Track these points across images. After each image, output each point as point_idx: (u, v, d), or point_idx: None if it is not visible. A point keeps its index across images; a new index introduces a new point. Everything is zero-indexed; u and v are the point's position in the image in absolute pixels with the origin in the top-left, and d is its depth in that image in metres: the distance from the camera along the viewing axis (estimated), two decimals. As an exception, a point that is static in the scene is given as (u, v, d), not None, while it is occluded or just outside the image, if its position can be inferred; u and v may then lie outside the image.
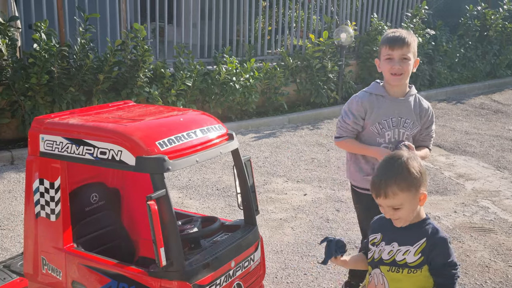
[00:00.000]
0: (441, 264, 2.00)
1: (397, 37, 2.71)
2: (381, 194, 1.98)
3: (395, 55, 2.70)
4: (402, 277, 2.05)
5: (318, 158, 6.43)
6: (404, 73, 2.72)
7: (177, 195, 5.22)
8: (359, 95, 2.89)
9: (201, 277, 2.17)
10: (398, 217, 2.03)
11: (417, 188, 1.99)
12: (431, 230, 2.03)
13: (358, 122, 2.82)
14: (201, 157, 2.27)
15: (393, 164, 2.00)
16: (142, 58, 6.52)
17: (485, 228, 4.50)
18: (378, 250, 2.11)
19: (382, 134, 2.80)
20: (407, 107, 2.81)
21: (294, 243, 4.22)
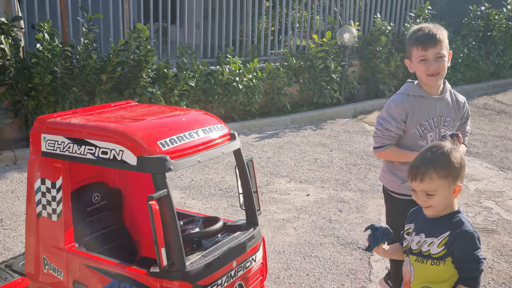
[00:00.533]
0: (461, 258, 2.01)
1: (428, 35, 2.57)
2: (418, 177, 2.01)
3: (430, 55, 2.57)
4: (426, 268, 2.08)
5: (321, 159, 6.42)
6: (441, 72, 2.61)
7: (180, 195, 5.22)
8: (397, 98, 2.74)
9: (202, 277, 2.17)
10: (430, 205, 2.04)
11: (454, 178, 2.01)
12: (457, 223, 2.05)
13: (400, 127, 2.67)
14: (203, 157, 2.27)
15: (436, 151, 2.04)
16: (145, 58, 6.52)
17: (488, 229, 4.48)
18: (410, 240, 2.15)
19: (424, 136, 2.69)
20: (446, 104, 2.70)
21: (296, 244, 4.21)
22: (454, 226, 2.05)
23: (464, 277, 2.05)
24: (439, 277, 2.08)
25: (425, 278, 2.10)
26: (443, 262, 2.05)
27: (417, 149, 2.55)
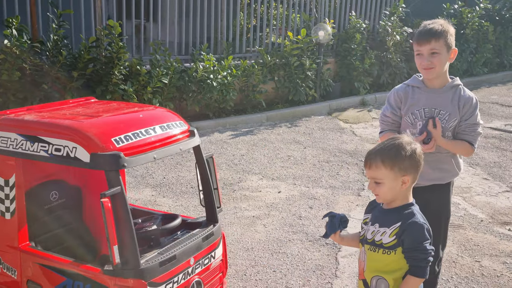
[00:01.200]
0: (410, 248, 2.08)
1: (425, 31, 2.68)
2: (367, 164, 2.13)
3: (424, 51, 2.68)
4: (377, 257, 2.14)
5: (294, 156, 6.44)
6: (435, 67, 2.67)
7: (151, 193, 5.19)
8: (397, 87, 2.93)
9: (157, 275, 2.15)
10: (377, 193, 2.13)
11: (401, 170, 2.08)
12: (408, 214, 2.12)
13: (395, 113, 2.83)
14: (159, 154, 2.25)
15: (388, 142, 2.13)
16: (117, 55, 6.46)
17: (455, 224, 4.54)
18: (366, 230, 2.22)
19: (415, 124, 2.77)
20: (443, 98, 2.74)
21: (265, 240, 4.21)
22: (405, 217, 2.12)
23: (413, 266, 2.11)
24: (389, 267, 2.14)
25: (377, 267, 2.16)
26: (393, 251, 2.11)
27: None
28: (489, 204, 5.00)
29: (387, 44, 9.44)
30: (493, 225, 4.54)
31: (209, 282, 2.47)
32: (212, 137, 7.15)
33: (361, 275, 2.25)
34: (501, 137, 7.35)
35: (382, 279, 2.15)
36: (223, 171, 5.83)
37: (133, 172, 5.72)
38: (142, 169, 5.81)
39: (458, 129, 2.77)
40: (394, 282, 2.13)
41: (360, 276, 2.26)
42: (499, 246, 4.16)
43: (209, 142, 6.93)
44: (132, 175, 5.63)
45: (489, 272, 3.77)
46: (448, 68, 2.77)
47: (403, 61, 9.73)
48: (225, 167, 5.96)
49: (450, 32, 2.70)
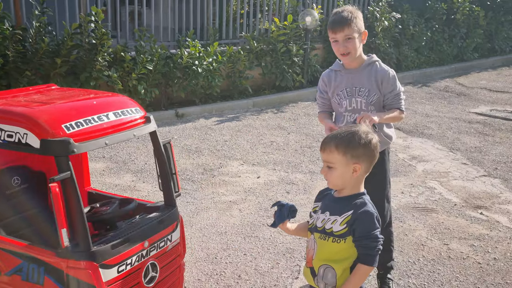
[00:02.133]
0: (361, 236, 2.10)
1: (337, 19, 2.90)
2: (322, 147, 2.18)
3: (338, 37, 2.90)
4: (327, 245, 2.15)
5: (277, 141, 6.49)
6: (351, 51, 2.91)
7: (131, 179, 5.26)
8: (324, 72, 3.19)
9: (108, 257, 2.22)
10: (328, 178, 2.15)
11: (353, 157, 2.10)
12: (360, 204, 2.14)
13: (323, 96, 3.14)
14: (111, 140, 2.31)
15: (347, 129, 2.18)
16: (100, 41, 6.48)
17: (428, 208, 4.60)
18: (316, 218, 2.22)
19: (341, 103, 3.04)
20: (361, 76, 2.99)
21: (239, 225, 4.28)
22: (357, 206, 2.13)
23: (363, 255, 2.12)
24: (338, 255, 2.15)
25: (326, 256, 2.17)
26: (343, 240, 2.12)
27: (339, 115, 3.08)
28: (464, 189, 5.06)
29: (375, 29, 9.44)
30: (466, 209, 4.61)
31: (165, 265, 2.53)
32: (197, 123, 7.20)
33: (309, 263, 2.25)
34: (485, 122, 7.39)
35: (329, 268, 2.16)
36: (205, 157, 5.89)
37: (115, 158, 5.78)
38: (124, 155, 5.87)
39: (386, 102, 3.03)
40: (342, 271, 2.15)
41: (308, 264, 2.25)
42: (469, 230, 4.22)
43: (193, 128, 6.98)
44: (113, 161, 5.69)
45: (455, 254, 3.84)
46: (362, 48, 3.01)
47: (392, 47, 9.73)
48: (207, 153, 6.02)
49: (359, 17, 2.93)
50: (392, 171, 5.52)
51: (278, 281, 3.48)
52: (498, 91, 9.17)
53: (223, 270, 3.62)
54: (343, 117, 3.06)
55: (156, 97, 7.32)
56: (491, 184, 5.19)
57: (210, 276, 3.54)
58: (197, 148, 6.19)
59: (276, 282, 3.47)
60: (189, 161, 5.77)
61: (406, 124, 7.24)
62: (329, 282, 2.16)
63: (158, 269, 2.48)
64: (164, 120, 7.27)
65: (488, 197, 4.88)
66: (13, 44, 6.00)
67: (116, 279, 2.26)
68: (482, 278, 3.52)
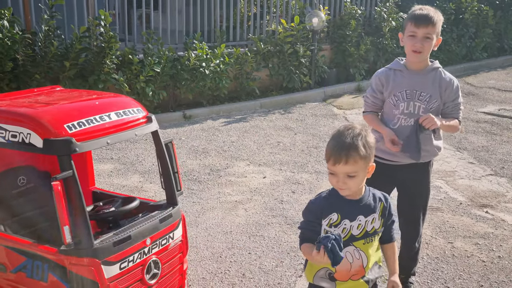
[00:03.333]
0: (392, 220, 2.27)
1: (424, 15, 2.78)
2: (342, 160, 2.03)
3: (419, 33, 2.78)
4: (374, 245, 2.20)
5: (284, 142, 6.52)
6: (424, 52, 2.81)
7: (138, 180, 5.31)
8: (379, 70, 3.06)
9: (111, 254, 2.27)
10: (348, 187, 2.08)
11: (370, 159, 2.12)
12: (377, 193, 2.23)
13: (376, 96, 3.00)
14: (113, 139, 2.35)
15: (351, 133, 2.08)
16: (108, 44, 6.56)
17: (433, 207, 4.60)
18: (342, 229, 2.12)
19: (397, 105, 2.92)
20: (424, 80, 2.89)
21: (244, 224, 4.32)
22: (379, 197, 2.22)
23: (391, 236, 2.29)
24: (377, 247, 2.24)
25: (376, 255, 2.19)
26: (381, 232, 2.22)
27: (392, 116, 2.96)
28: (470, 188, 5.05)
29: (383, 30, 9.44)
30: (472, 208, 4.60)
31: (167, 262, 2.58)
32: (205, 125, 7.25)
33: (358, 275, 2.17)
34: (493, 122, 7.35)
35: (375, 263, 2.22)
36: (212, 158, 5.93)
37: (123, 159, 5.85)
38: (132, 156, 5.93)
39: (445, 110, 2.94)
40: (379, 258, 2.25)
41: (356, 277, 2.17)
42: (474, 228, 4.22)
43: (201, 129, 7.03)
44: (121, 162, 5.76)
45: (460, 252, 3.84)
46: None
47: (399, 47, 9.71)
48: (214, 154, 6.07)
49: (442, 21, 2.85)
50: (398, 170, 5.54)
51: (282, 279, 3.51)
52: (507, 91, 9.12)
53: (228, 268, 3.65)
54: (397, 120, 2.94)
55: (164, 99, 7.38)
56: (497, 183, 5.17)
57: (214, 274, 3.58)
58: (204, 149, 6.23)
59: (280, 280, 3.50)
60: (196, 161, 5.82)
61: (413, 124, 7.22)
62: (378, 274, 2.24)
63: (160, 266, 2.52)
64: (172, 121, 7.33)
65: (494, 195, 4.86)
66: (22, 48, 6.10)
67: (118, 275, 2.30)
68: (486, 276, 3.52)
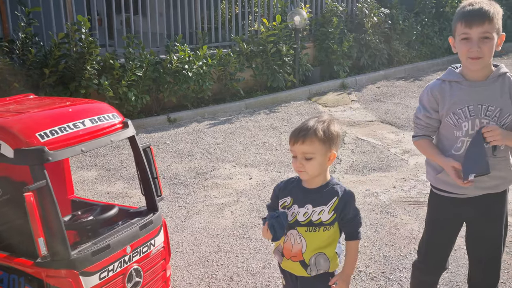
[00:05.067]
0: (353, 215, 2.25)
1: (476, 11, 2.25)
2: (299, 139, 2.14)
3: (473, 34, 2.24)
4: (318, 235, 2.22)
5: (269, 142, 6.48)
6: (484, 56, 2.26)
7: (123, 186, 5.24)
8: (430, 84, 2.48)
9: (89, 264, 2.21)
10: (305, 169, 2.16)
11: (331, 145, 2.17)
12: (340, 189, 2.24)
13: (430, 116, 2.43)
14: (88, 147, 2.30)
15: (317, 120, 2.20)
16: (88, 50, 6.48)
17: (420, 201, 4.58)
18: (291, 213, 2.23)
19: (459, 125, 2.37)
20: (490, 91, 2.34)
21: (231, 227, 4.27)
22: (339, 191, 2.23)
23: (355, 231, 2.28)
24: (328, 241, 2.25)
25: (318, 245, 2.24)
26: (332, 226, 2.23)
27: (453, 140, 2.39)
28: (457, 180, 5.04)
29: (365, 26, 9.44)
30: (458, 201, 4.59)
31: (149, 269, 2.52)
32: (190, 127, 7.19)
33: (297, 257, 2.27)
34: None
35: (321, 254, 2.24)
36: (197, 161, 5.88)
37: (107, 166, 5.77)
38: (116, 163, 5.86)
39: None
40: (332, 254, 2.27)
41: (296, 258, 2.27)
42: (461, 221, 4.20)
43: (186, 132, 6.97)
44: (105, 169, 5.68)
45: (448, 247, 3.82)
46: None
47: (382, 42, 9.73)
48: (199, 157, 6.01)
49: (500, 13, 2.30)
50: (384, 165, 5.53)
51: (269, 281, 3.47)
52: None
53: (215, 272, 3.60)
54: (461, 143, 2.37)
55: (148, 103, 7.31)
56: (483, 175, 5.17)
57: (201, 279, 3.52)
58: (189, 152, 6.17)
59: (268, 282, 3.46)
60: (181, 165, 5.76)
61: (398, 118, 7.23)
62: (323, 267, 2.25)
63: (142, 274, 2.46)
64: (156, 125, 7.26)
65: (480, 187, 4.86)
66: (0, 56, 6.00)
67: (98, 286, 2.25)
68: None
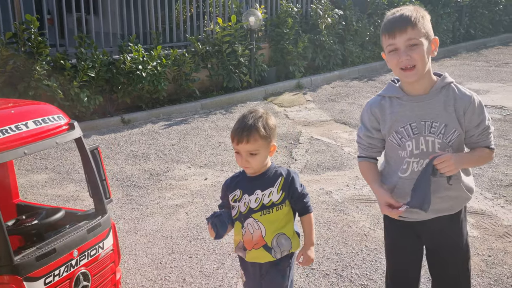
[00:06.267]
0: (301, 192, 2.34)
1: (397, 18, 2.09)
2: (243, 139, 2.22)
3: (399, 43, 2.08)
4: (273, 216, 2.31)
5: (225, 142, 6.48)
6: (417, 64, 2.08)
7: (74, 189, 5.13)
8: (371, 100, 2.31)
9: (34, 269, 2.16)
10: (251, 165, 2.27)
11: (271, 138, 2.29)
12: (282, 170, 2.35)
13: (372, 135, 2.28)
14: (31, 149, 2.24)
15: (254, 116, 2.27)
16: (37, 50, 6.31)
17: (372, 199, 4.69)
18: (243, 203, 2.32)
19: (403, 145, 2.19)
20: (433, 105, 2.15)
21: (185, 228, 4.25)
22: (282, 172, 2.34)
23: (306, 206, 2.37)
24: (284, 220, 2.34)
25: (276, 226, 2.32)
26: (284, 205, 2.32)
27: (399, 161, 2.22)
28: (407, 178, 5.18)
29: (319, 27, 9.57)
30: (408, 198, 4.72)
31: (98, 273, 2.48)
32: (144, 128, 7.11)
33: (258, 244, 2.33)
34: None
35: (281, 234, 2.32)
36: (152, 162, 5.82)
37: (58, 168, 5.64)
38: (68, 165, 5.73)
39: (470, 140, 2.21)
40: (292, 232, 2.36)
41: (257, 245, 2.33)
42: (410, 217, 4.32)
43: (140, 133, 6.89)
44: (56, 171, 5.55)
45: (397, 242, 3.92)
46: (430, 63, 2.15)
47: (337, 43, 9.88)
48: (154, 158, 5.95)
49: (427, 18, 2.13)
50: (338, 165, 5.62)
51: (223, 282, 3.47)
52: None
53: (168, 274, 3.58)
54: (407, 165, 2.20)
55: (101, 104, 7.18)
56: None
57: (154, 281, 3.49)
58: (143, 153, 6.10)
59: (221, 283, 3.46)
60: (135, 167, 5.68)
61: (352, 118, 7.37)
62: (285, 247, 2.32)
63: (90, 278, 2.42)
64: (110, 127, 7.14)
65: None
66: None
67: (43, 291, 2.19)
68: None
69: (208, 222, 2.31)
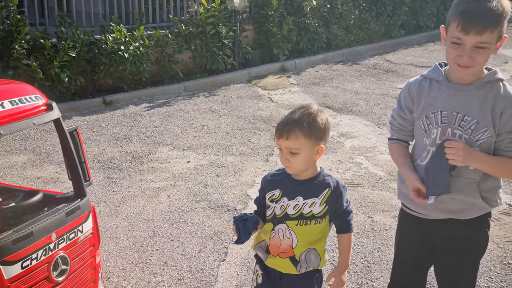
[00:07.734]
0: (345, 208, 2.14)
1: (480, 13, 1.85)
2: (284, 135, 2.02)
3: (468, 42, 1.89)
4: (310, 229, 2.11)
5: (208, 125, 6.43)
6: (475, 66, 1.93)
7: (55, 171, 5.06)
8: (411, 80, 2.18)
9: (10, 252, 2.11)
10: (291, 164, 2.06)
11: (318, 139, 2.04)
12: (331, 180, 2.13)
13: (404, 116, 2.16)
14: (7, 130, 2.18)
15: (303, 111, 2.05)
16: (16, 28, 6.15)
17: (354, 183, 4.70)
18: (280, 206, 2.12)
19: (429, 132, 2.07)
20: (470, 98, 2.00)
21: (167, 211, 4.22)
22: (331, 184, 2.12)
23: (348, 224, 2.18)
24: (319, 235, 2.14)
25: (309, 239, 2.13)
26: (324, 219, 2.12)
27: (422, 148, 2.11)
28: (389, 162, 5.20)
29: (304, 9, 9.49)
30: (390, 182, 4.75)
31: (76, 257, 2.45)
32: (126, 110, 7.01)
33: (286, 253, 2.14)
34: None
35: (312, 250, 2.13)
36: (134, 144, 5.75)
37: (38, 150, 5.54)
38: (48, 146, 5.64)
39: (498, 146, 2.02)
40: (323, 250, 2.17)
41: (285, 255, 2.15)
42: (392, 201, 4.35)
43: (122, 115, 6.80)
44: (36, 153, 5.46)
45: (379, 226, 3.95)
46: None
47: (321, 26, 9.83)
48: (136, 140, 5.88)
49: (509, 14, 1.92)
50: (321, 148, 5.61)
51: (204, 265, 3.46)
52: (423, 67, 9.48)
53: (149, 257, 3.55)
54: (426, 153, 2.08)
55: (82, 85, 7.05)
56: (414, 156, 5.37)
57: (135, 264, 3.47)
58: (125, 135, 6.03)
59: (203, 266, 3.45)
60: (116, 149, 5.61)
61: (336, 102, 7.36)
62: (313, 264, 2.14)
63: (69, 262, 2.39)
64: (91, 108, 7.03)
65: (411, 169, 5.03)
66: None
67: (20, 275, 2.15)
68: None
69: (234, 223, 2.09)
